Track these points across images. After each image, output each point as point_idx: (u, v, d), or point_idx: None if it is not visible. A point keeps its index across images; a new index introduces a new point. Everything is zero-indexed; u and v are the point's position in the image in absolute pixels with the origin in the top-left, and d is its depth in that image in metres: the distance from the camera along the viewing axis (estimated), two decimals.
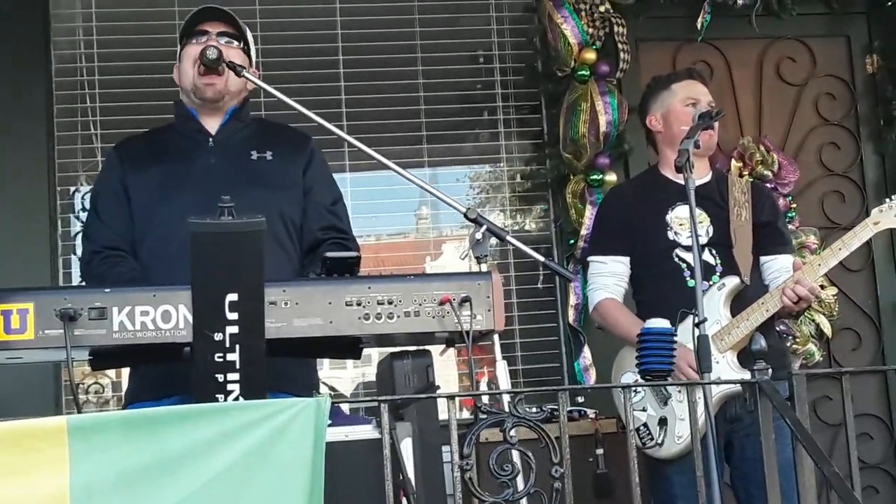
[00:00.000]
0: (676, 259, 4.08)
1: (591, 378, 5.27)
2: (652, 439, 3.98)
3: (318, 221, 3.54)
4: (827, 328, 5.51)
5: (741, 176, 5.40)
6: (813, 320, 5.44)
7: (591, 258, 4.33)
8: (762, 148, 5.61)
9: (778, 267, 4.12)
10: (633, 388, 3.95)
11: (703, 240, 4.05)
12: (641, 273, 4.19)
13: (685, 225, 4.07)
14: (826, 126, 5.86)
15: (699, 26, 5.45)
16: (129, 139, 3.73)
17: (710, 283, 4.01)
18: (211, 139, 3.55)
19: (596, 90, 5.38)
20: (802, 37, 5.88)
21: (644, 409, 4.02)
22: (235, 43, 3.55)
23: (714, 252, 4.08)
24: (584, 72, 5.40)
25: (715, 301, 3.96)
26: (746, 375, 3.79)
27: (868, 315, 5.71)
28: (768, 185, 5.39)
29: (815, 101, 5.87)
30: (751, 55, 5.84)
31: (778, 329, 5.24)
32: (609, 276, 4.22)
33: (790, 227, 5.44)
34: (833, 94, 5.88)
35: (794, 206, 5.58)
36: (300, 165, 3.57)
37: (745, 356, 3.89)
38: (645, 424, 4.01)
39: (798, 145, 5.80)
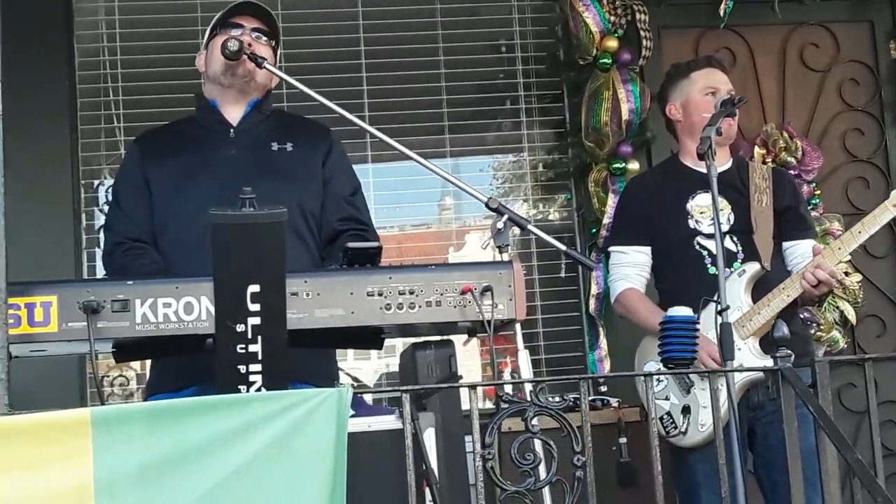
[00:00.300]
0: (697, 247, 4.07)
1: (605, 370, 5.26)
2: (676, 428, 3.98)
3: (337, 212, 3.55)
4: (851, 315, 5.48)
5: (764, 163, 5.38)
6: (837, 307, 5.42)
7: (612, 248, 4.33)
8: (785, 134, 5.58)
9: (801, 252, 4.10)
10: (656, 377, 3.95)
11: (725, 227, 4.04)
12: (662, 262, 4.19)
13: (706, 213, 4.07)
14: (850, 112, 5.83)
15: (722, 13, 5.42)
16: (149, 132, 3.76)
17: (731, 269, 4.00)
18: (232, 130, 3.56)
19: (618, 78, 5.37)
20: (825, 22, 5.84)
21: (667, 398, 4.02)
22: (265, 39, 3.58)
23: (735, 239, 4.07)
24: (606, 60, 5.38)
25: (736, 287, 3.95)
26: (769, 362, 3.80)
27: (893, 302, 5.68)
28: (792, 171, 5.37)
29: (838, 86, 5.83)
30: (774, 41, 5.81)
31: (802, 316, 5.24)
32: (630, 266, 4.22)
33: (814, 213, 5.42)
34: (857, 80, 5.85)
35: (818, 192, 5.55)
36: (320, 156, 3.57)
37: (768, 342, 3.89)
38: (668, 413, 4.01)
39: (822, 131, 5.77)
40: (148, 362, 5.21)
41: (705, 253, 4.05)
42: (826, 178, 5.64)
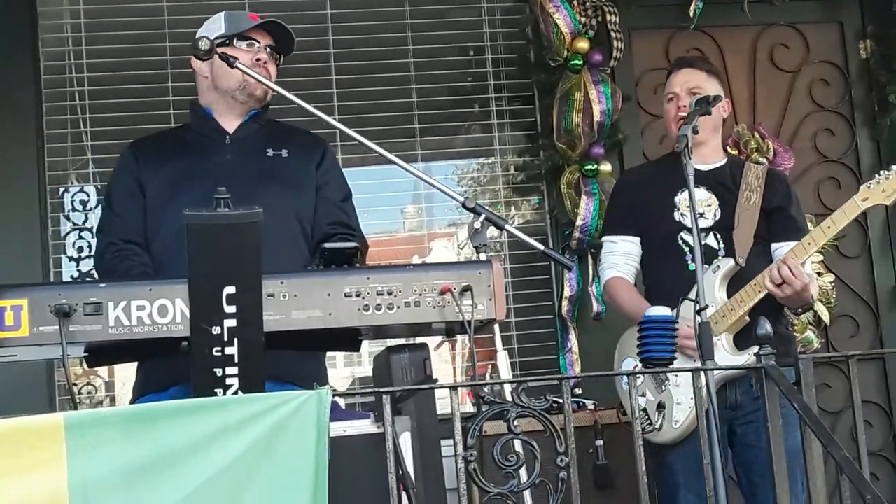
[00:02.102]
0: (680, 242, 4.08)
1: (576, 372, 5.23)
2: (651, 424, 3.99)
3: (327, 217, 3.56)
4: (825, 315, 5.49)
5: None
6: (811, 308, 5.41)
7: (603, 238, 4.36)
8: (757, 135, 5.58)
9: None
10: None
11: (710, 223, 4.07)
12: (648, 255, 4.20)
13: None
14: (820, 112, 5.84)
15: (692, 14, 5.42)
16: (143, 138, 3.76)
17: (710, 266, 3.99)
18: (228, 137, 3.57)
19: (589, 79, 5.35)
20: (795, 23, 5.85)
21: (643, 395, 4.02)
22: (276, 56, 3.61)
23: (719, 236, 4.07)
24: (577, 61, 5.36)
25: (710, 283, 3.93)
26: (742, 359, 3.81)
27: (866, 302, 5.69)
28: None
29: (809, 87, 5.84)
30: (744, 42, 5.82)
31: None
32: (619, 255, 4.24)
33: None
34: (827, 81, 5.86)
35: None
36: (314, 163, 3.60)
37: (741, 339, 3.88)
38: (644, 409, 4.01)
39: (793, 132, 5.77)
40: (118, 371, 5.22)
41: (687, 249, 4.05)
42: (797, 178, 5.63)
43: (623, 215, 4.28)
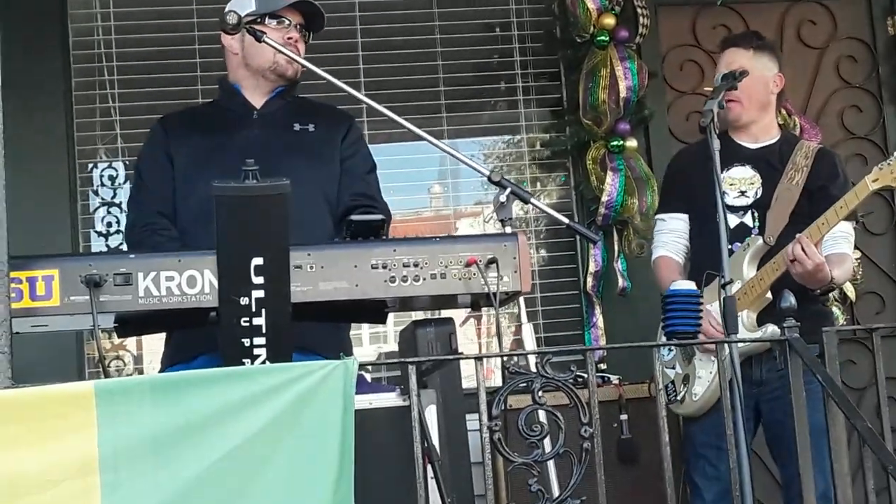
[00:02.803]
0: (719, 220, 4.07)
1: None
2: (676, 396, 4.04)
3: (350, 188, 3.58)
4: (851, 292, 5.48)
5: None
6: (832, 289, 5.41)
7: (656, 217, 4.39)
8: (783, 112, 5.53)
9: (830, 232, 4.05)
10: (667, 347, 3.97)
11: (749, 201, 4.10)
12: (694, 232, 4.23)
13: (736, 185, 4.12)
14: (848, 89, 5.83)
15: None
16: (173, 113, 3.81)
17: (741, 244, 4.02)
18: (255, 112, 3.60)
19: (615, 56, 5.34)
20: None
21: (673, 367, 4.08)
22: (305, 33, 3.63)
23: (756, 215, 4.09)
24: (603, 37, 5.36)
25: (739, 261, 3.96)
26: (759, 334, 3.81)
27: (891, 278, 5.69)
28: None
29: (836, 63, 5.83)
30: (771, 19, 5.80)
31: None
32: (667, 234, 4.26)
33: None
34: (854, 57, 5.84)
35: None
36: (339, 137, 3.63)
37: (765, 315, 3.89)
38: (672, 382, 4.08)
39: (819, 109, 5.77)
40: (147, 344, 5.27)
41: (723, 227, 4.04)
42: None
43: (673, 193, 4.32)
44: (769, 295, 3.89)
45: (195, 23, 5.40)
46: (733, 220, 4.03)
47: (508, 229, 3.12)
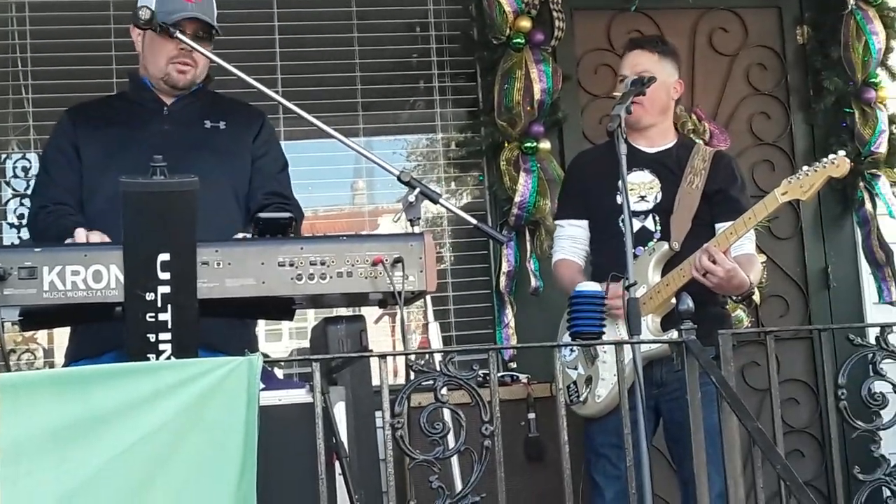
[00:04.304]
0: (620, 224, 4.11)
1: None
2: (578, 397, 4.10)
3: (263, 187, 3.60)
4: (755, 295, 5.58)
5: None
6: (750, 293, 5.52)
7: (555, 222, 4.46)
8: (694, 117, 5.66)
9: None
10: (569, 348, 4.02)
11: (649, 206, 4.15)
12: (595, 236, 4.27)
13: (635, 190, 4.16)
14: (757, 96, 5.92)
15: None
16: (81, 104, 3.78)
17: (644, 248, 4.08)
18: (165, 108, 3.61)
19: (531, 58, 5.39)
20: (734, 7, 5.93)
21: (576, 368, 4.13)
22: (207, 34, 3.60)
23: (657, 219, 4.15)
24: (518, 40, 5.41)
25: (644, 266, 4.03)
26: (663, 337, 3.88)
27: (796, 282, 5.80)
28: None
29: (746, 71, 5.92)
30: (684, 25, 5.88)
31: None
32: (566, 240, 4.32)
33: None
34: (764, 65, 5.94)
35: None
36: (251, 135, 3.64)
37: (669, 320, 3.96)
38: (574, 382, 4.13)
39: (729, 115, 5.86)
40: (57, 337, 5.23)
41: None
42: None
43: (570, 199, 4.37)
44: (674, 300, 3.96)
45: (111, 15, 5.36)
46: (635, 225, 4.09)
47: (417, 229, 3.17)
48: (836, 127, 5.79)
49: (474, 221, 3.37)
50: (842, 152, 4.03)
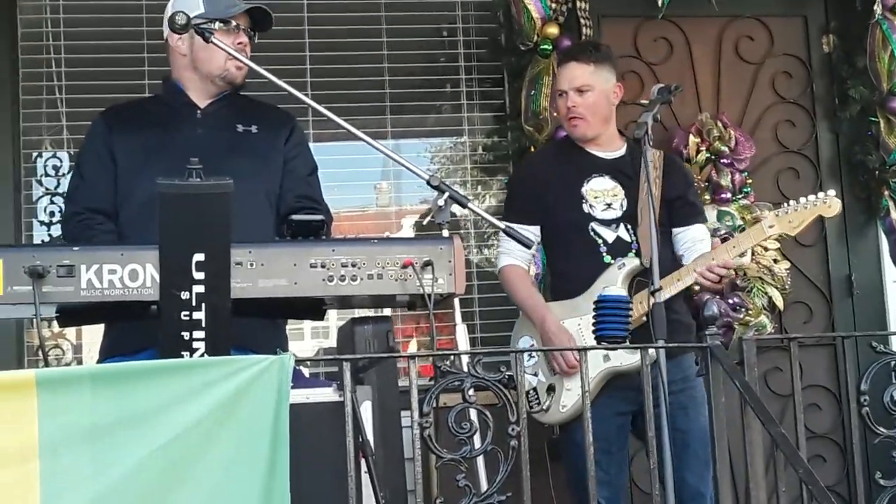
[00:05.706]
0: (592, 234, 4.15)
1: None
2: (539, 404, 4.11)
3: (294, 190, 3.64)
4: (779, 301, 5.60)
5: (698, 151, 5.52)
6: (765, 293, 5.55)
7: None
8: (719, 124, 5.68)
9: (690, 237, 4.21)
10: (528, 353, 4.08)
11: (618, 213, 4.16)
12: (556, 243, 4.26)
13: (600, 198, 4.17)
14: (782, 104, 5.94)
15: (660, 3, 5.50)
16: (115, 106, 3.81)
17: (618, 259, 4.11)
18: (199, 112, 3.64)
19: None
20: (761, 16, 5.95)
21: (536, 374, 4.14)
22: (252, 34, 3.65)
23: (629, 227, 4.16)
24: (546, 46, 5.45)
25: (612, 279, 4.05)
26: (635, 356, 3.85)
27: (819, 289, 5.82)
28: (725, 160, 5.53)
29: (771, 79, 5.94)
30: (710, 33, 5.91)
31: (730, 301, 5.38)
32: (514, 243, 4.28)
33: (745, 202, 5.56)
34: (790, 73, 5.96)
35: (750, 181, 5.66)
36: (282, 138, 3.68)
37: (644, 331, 3.83)
38: (534, 389, 4.14)
39: (755, 122, 5.88)
40: (87, 334, 5.29)
41: (600, 241, 4.14)
42: (758, 168, 5.76)
43: (522, 204, 4.30)
44: (644, 318, 3.87)
45: (144, 18, 5.43)
46: (610, 235, 4.13)
47: (445, 233, 3.21)
48: (860, 136, 5.80)
49: (502, 225, 3.41)
50: (832, 192, 4.08)
